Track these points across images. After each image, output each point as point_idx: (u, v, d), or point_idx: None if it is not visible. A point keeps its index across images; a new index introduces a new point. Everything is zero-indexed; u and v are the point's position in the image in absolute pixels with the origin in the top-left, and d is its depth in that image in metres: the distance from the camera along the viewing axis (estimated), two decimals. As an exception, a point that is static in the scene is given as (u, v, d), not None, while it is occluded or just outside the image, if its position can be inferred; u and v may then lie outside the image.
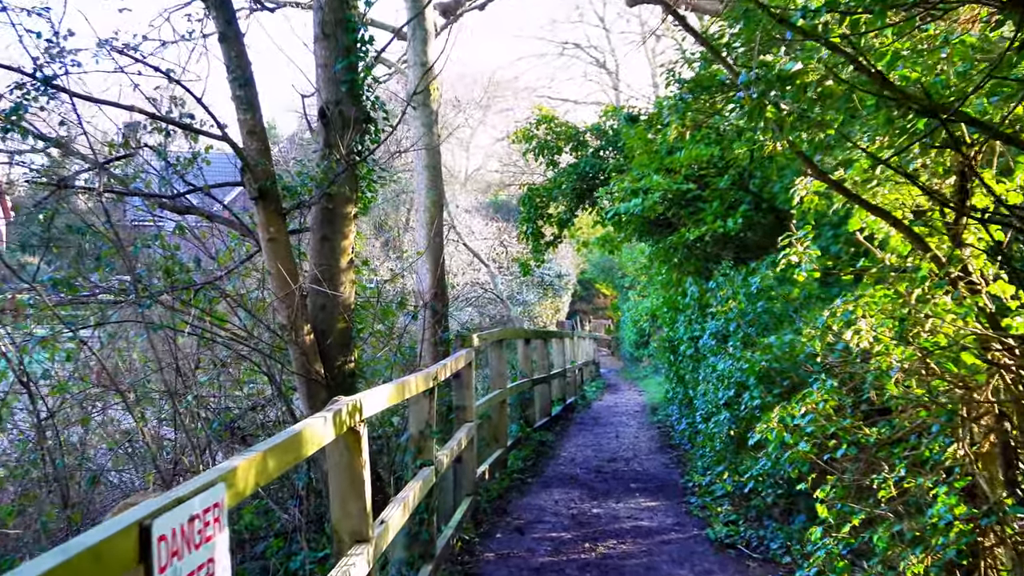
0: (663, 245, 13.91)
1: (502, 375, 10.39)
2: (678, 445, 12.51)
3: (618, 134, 13.78)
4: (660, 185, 11.42)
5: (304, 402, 8.26)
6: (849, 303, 4.92)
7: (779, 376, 7.13)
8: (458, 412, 8.27)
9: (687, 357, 12.33)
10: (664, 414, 15.95)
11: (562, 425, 14.89)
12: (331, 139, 8.01)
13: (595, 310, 53.65)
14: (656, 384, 23.73)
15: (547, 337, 14.71)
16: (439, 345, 12.02)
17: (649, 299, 30.47)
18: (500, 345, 10.44)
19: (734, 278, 10.65)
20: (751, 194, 11.64)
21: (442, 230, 12.72)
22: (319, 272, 8.18)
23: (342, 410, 4.00)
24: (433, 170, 12.49)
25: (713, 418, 8.94)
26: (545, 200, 14.36)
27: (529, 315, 40.55)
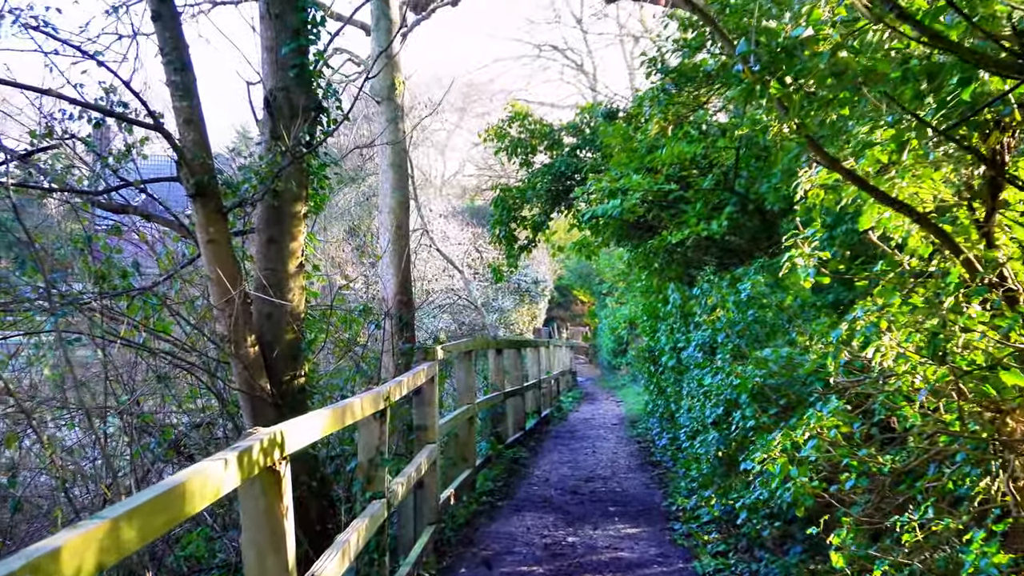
0: (643, 250, 13.18)
1: (471, 389, 9.61)
2: (659, 462, 11.76)
3: (595, 132, 13.06)
4: (640, 185, 10.69)
5: (249, 422, 7.46)
6: (872, 314, 4.16)
7: (775, 394, 6.39)
8: (419, 433, 7.49)
9: (669, 369, 11.60)
10: (643, 427, 15.21)
11: (537, 440, 14.12)
12: (277, 130, 7.23)
13: (573, 317, 52.99)
14: (634, 394, 23.01)
15: (521, 347, 13.94)
16: (403, 356, 11.25)
17: (627, 306, 29.78)
18: (469, 356, 9.66)
19: (721, 284, 9.95)
20: (737, 195, 10.94)
21: (408, 233, 11.94)
22: (265, 277, 7.40)
23: (253, 447, 3.22)
24: (399, 169, 11.72)
25: (699, 437, 8.21)
26: (518, 202, 13.60)
27: (505, 322, 39.83)
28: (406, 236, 11.79)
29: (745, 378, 6.48)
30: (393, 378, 8.53)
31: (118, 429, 8.66)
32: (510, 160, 13.80)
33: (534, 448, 13.22)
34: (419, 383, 7.20)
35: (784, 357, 6.21)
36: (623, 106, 13.42)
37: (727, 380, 7.01)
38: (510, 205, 13.66)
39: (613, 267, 29.28)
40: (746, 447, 7.05)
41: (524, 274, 41.18)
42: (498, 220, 13.81)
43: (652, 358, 13.71)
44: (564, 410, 19.11)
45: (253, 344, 7.21)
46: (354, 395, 8.60)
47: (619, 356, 31.41)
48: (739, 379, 6.70)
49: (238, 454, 3.08)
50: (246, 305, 7.17)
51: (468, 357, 9.60)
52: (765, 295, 7.60)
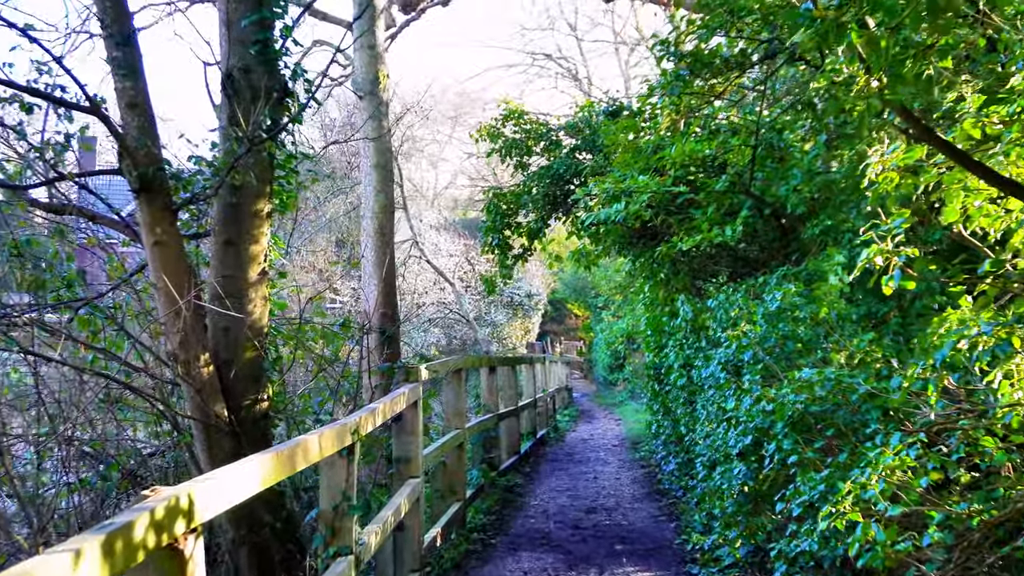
0: (647, 259, 12.19)
1: (460, 413, 8.60)
2: (667, 491, 10.74)
3: (596, 132, 12.08)
4: (647, 187, 9.71)
5: (202, 454, 6.47)
6: (1002, 329, 3.15)
7: (819, 423, 5.39)
8: (400, 466, 6.47)
9: (678, 388, 10.59)
10: (647, 450, 14.18)
11: (533, 464, 13.08)
12: (236, 115, 6.24)
13: (567, 331, 52.04)
14: (633, 411, 21.99)
15: (515, 364, 12.92)
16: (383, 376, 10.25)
17: (624, 320, 28.78)
18: (459, 376, 8.64)
19: (735, 296, 8.98)
20: (752, 197, 9.95)
21: (393, 240, 10.95)
22: (221, 286, 6.41)
23: (135, 523, 2.20)
24: (383, 170, 10.73)
25: (720, 468, 7.19)
26: (513, 207, 12.60)
27: (497, 336, 38.86)
28: (391, 243, 10.80)
29: (782, 404, 5.48)
30: (370, 401, 7.54)
31: (59, 460, 7.66)
32: (503, 162, 12.81)
33: (530, 474, 12.18)
34: (400, 408, 6.19)
35: (832, 379, 5.21)
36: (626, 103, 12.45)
37: (758, 406, 6.01)
38: (503, 211, 12.65)
39: (610, 279, 28.31)
40: (780, 484, 6.07)
41: (517, 287, 40.24)
42: (490, 227, 12.80)
43: (657, 376, 12.71)
44: (561, 430, 18.08)
45: (207, 363, 6.23)
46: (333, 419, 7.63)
47: (616, 371, 30.39)
48: (774, 405, 5.71)
49: (107, 535, 2.07)
50: (198, 318, 6.18)
51: (458, 376, 8.58)
52: (799, 306, 6.60)
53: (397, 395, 6.12)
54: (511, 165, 12.82)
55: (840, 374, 5.24)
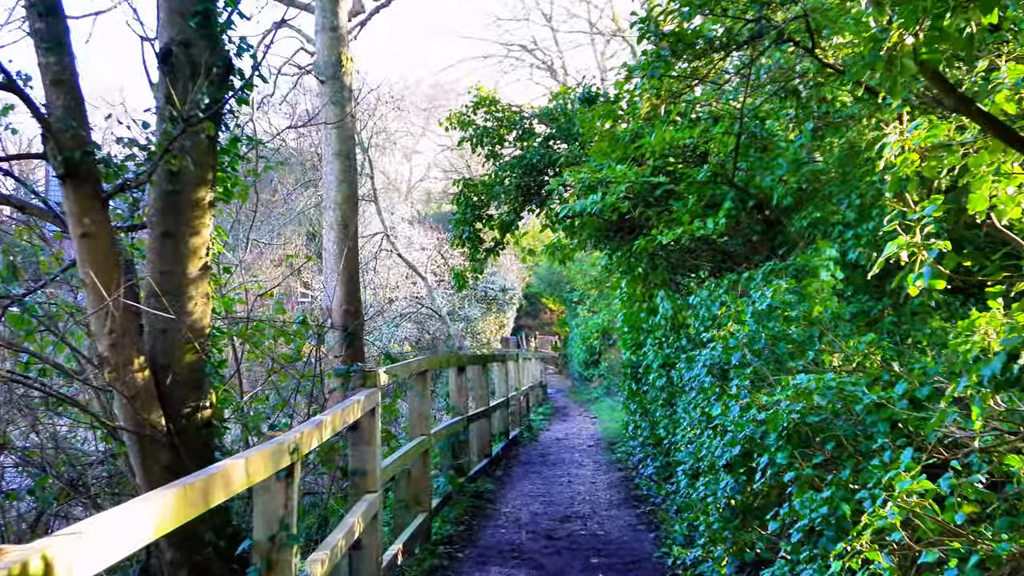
0: (625, 253, 11.67)
1: (425, 417, 8.02)
2: (646, 496, 10.22)
3: (571, 120, 11.53)
4: (624, 177, 9.18)
5: (137, 468, 5.88)
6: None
7: (817, 434, 4.87)
8: (355, 479, 5.90)
9: (656, 388, 10.08)
10: (624, 451, 13.66)
11: (505, 467, 12.53)
12: (174, 93, 5.64)
13: (542, 325, 51.55)
14: (609, 409, 21.50)
15: (486, 362, 12.36)
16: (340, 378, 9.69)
17: (600, 315, 28.28)
18: (424, 378, 8.06)
19: (718, 292, 8.49)
20: (736, 188, 9.44)
21: (357, 233, 10.36)
22: (159, 282, 5.82)
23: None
24: (346, 159, 10.14)
25: (704, 478, 6.66)
26: (484, 199, 12.02)
27: (471, 332, 38.31)
28: (354, 236, 10.22)
29: (776, 414, 4.96)
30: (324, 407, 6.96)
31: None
32: (474, 151, 12.23)
33: (502, 479, 11.63)
34: (354, 417, 5.62)
35: (833, 387, 4.68)
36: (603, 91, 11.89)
37: (748, 414, 5.48)
38: (474, 202, 12.08)
39: (585, 274, 27.80)
40: (772, 499, 5.56)
41: (491, 282, 39.68)
42: (461, 219, 12.22)
43: (634, 375, 12.21)
44: (535, 429, 17.54)
45: (142, 368, 5.64)
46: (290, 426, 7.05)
47: (591, 367, 29.90)
48: (765, 413, 5.19)
49: None
50: (131, 317, 5.58)
51: (423, 379, 8.01)
52: (790, 304, 6.08)
53: (352, 402, 5.55)
54: (482, 155, 12.25)
55: (842, 381, 4.72)
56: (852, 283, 8.23)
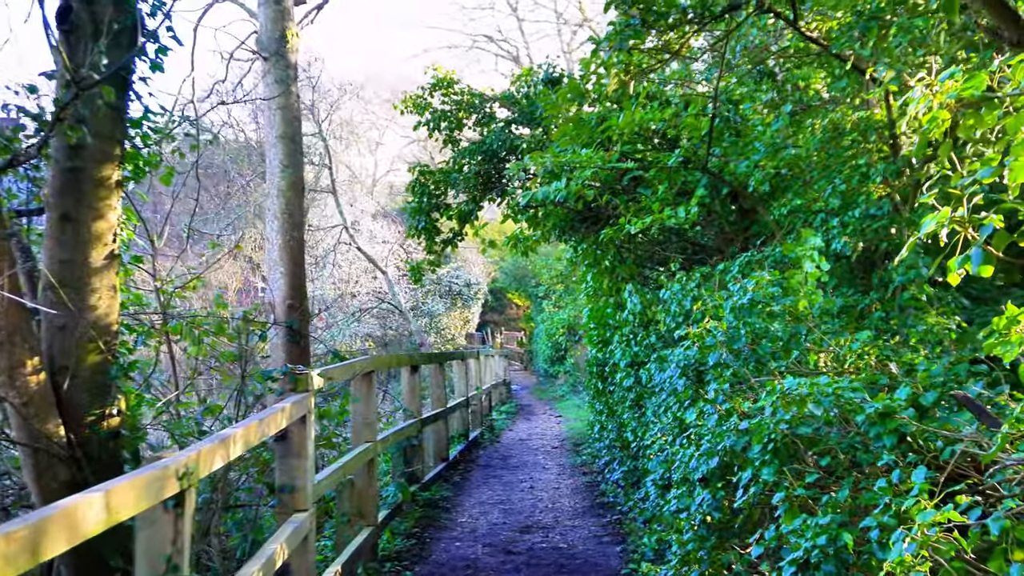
0: (591, 244, 11.02)
1: (370, 423, 7.31)
2: (612, 504, 9.56)
3: (534, 103, 10.85)
4: (589, 161, 8.51)
5: (32, 486, 5.14)
6: None
7: (809, 447, 4.22)
8: (283, 496, 5.19)
9: (623, 388, 9.43)
10: (589, 453, 13.01)
11: (464, 471, 11.83)
12: (75, 56, 4.90)
13: (508, 321, 50.96)
14: (575, 407, 20.87)
15: (444, 361, 11.65)
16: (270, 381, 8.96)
17: (566, 310, 27.65)
18: (369, 380, 7.33)
19: (709, 286, 7.86)
20: (709, 174, 8.81)
21: (303, 223, 9.62)
22: (56, 272, 5.07)
23: None
24: (291, 142, 9.40)
25: (676, 490, 6.00)
26: (442, 187, 11.30)
27: (435, 327, 37.61)
28: (300, 226, 9.48)
29: (761, 425, 4.31)
30: (246, 414, 6.24)
31: None
32: (431, 136, 11.51)
33: (460, 484, 10.93)
34: (279, 426, 4.90)
35: (829, 394, 4.03)
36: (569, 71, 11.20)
37: (728, 422, 4.83)
38: (431, 191, 11.35)
39: (550, 268, 27.18)
40: (755, 519, 4.92)
41: (456, 276, 39.01)
42: (416, 209, 11.48)
43: (600, 373, 11.56)
44: (497, 429, 16.84)
45: (36, 370, 4.90)
46: (216, 430, 6.32)
47: (557, 364, 29.26)
48: (749, 422, 4.54)
49: None
50: (21, 312, 4.84)
51: (368, 381, 7.28)
52: (774, 298, 5.43)
53: (276, 410, 4.83)
54: (439, 139, 11.52)
55: (839, 386, 4.06)
56: (835, 275, 7.63)
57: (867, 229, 7.04)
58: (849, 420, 4.03)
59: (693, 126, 8.97)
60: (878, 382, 4.61)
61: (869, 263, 7.73)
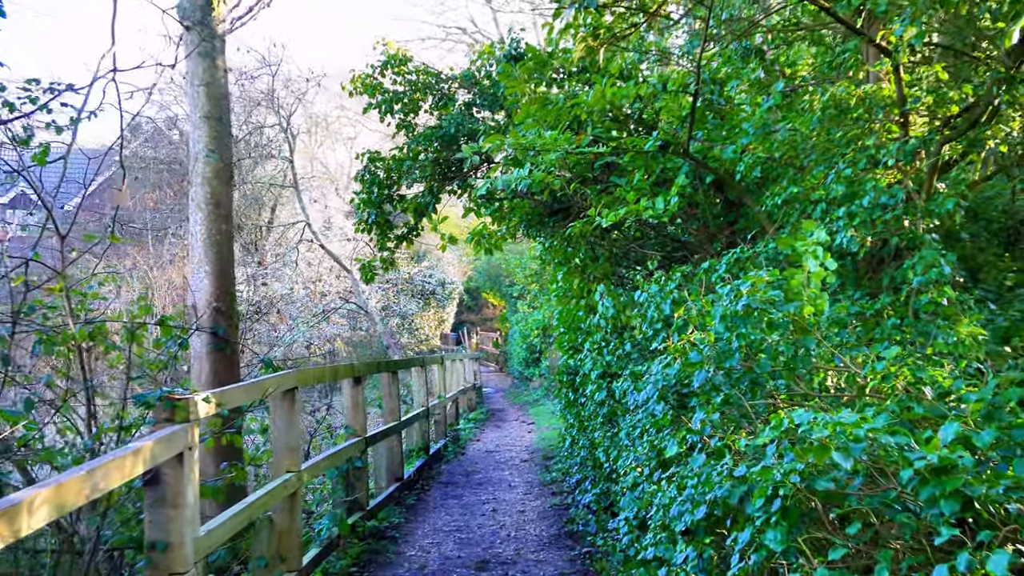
0: (559, 240, 9.94)
1: (293, 448, 6.17)
2: (583, 534, 8.47)
3: (497, 84, 9.75)
4: (555, 144, 7.41)
5: None
6: None
7: (829, 503, 3.15)
8: (154, 556, 4.07)
9: (595, 402, 8.36)
10: (560, 469, 11.92)
11: (421, 491, 10.70)
12: None
13: (484, 321, 49.95)
14: (549, 413, 19.78)
15: (397, 368, 10.50)
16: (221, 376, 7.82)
17: (541, 311, 26.53)
18: (291, 398, 6.18)
19: (695, 287, 6.80)
20: (692, 160, 7.73)
21: (231, 214, 8.48)
22: None
23: None
24: (217, 123, 8.28)
25: (653, 535, 4.92)
26: (395, 175, 10.16)
27: (409, 327, 36.51)
28: (228, 219, 8.35)
29: (766, 471, 3.23)
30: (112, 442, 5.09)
31: None
32: (383, 120, 10.37)
33: (414, 508, 9.80)
34: (151, 465, 3.79)
35: (860, 437, 2.96)
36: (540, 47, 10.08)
37: (719, 465, 3.76)
38: (382, 180, 10.21)
39: (524, 267, 26.08)
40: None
41: (429, 275, 37.94)
42: (366, 200, 10.34)
43: (571, 383, 10.49)
44: (463, 440, 15.70)
45: None
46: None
47: (532, 366, 28.19)
48: (747, 469, 3.47)
49: None
50: None
51: (289, 400, 6.14)
52: (775, 304, 4.34)
53: (139, 447, 3.72)
54: (392, 124, 10.38)
55: (872, 427, 2.98)
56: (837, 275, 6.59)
57: (877, 220, 5.98)
58: (887, 473, 2.97)
59: (672, 107, 7.93)
60: (909, 410, 3.55)
61: (877, 261, 6.69)
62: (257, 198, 33.78)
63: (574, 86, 8.93)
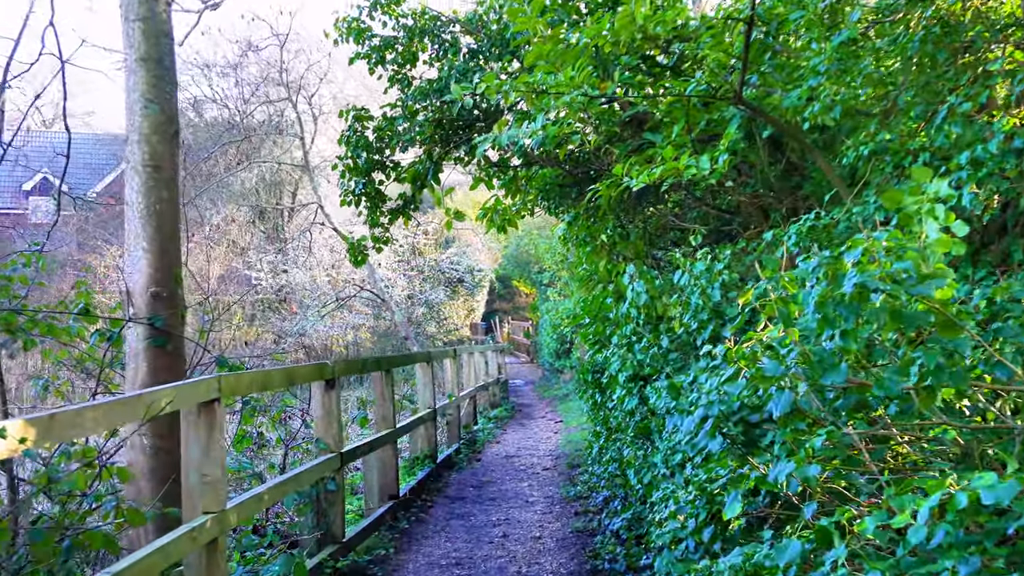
0: (583, 213, 8.32)
1: (212, 483, 4.57)
2: (610, 573, 6.86)
3: (507, 28, 8.11)
4: (573, 84, 5.81)
5: None
6: None
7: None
8: None
9: (624, 411, 6.76)
10: (587, 481, 10.29)
11: (419, 510, 9.10)
12: None
13: (516, 309, 48.31)
14: (579, 410, 18.07)
15: (391, 367, 8.90)
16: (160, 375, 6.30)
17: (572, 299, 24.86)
18: (211, 414, 4.60)
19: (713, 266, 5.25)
20: (747, 107, 6.06)
21: (176, 180, 6.94)
22: None
23: None
24: (157, 66, 6.75)
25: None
26: (387, 137, 8.56)
27: (436, 317, 35.01)
28: (172, 184, 6.82)
29: None
30: None
31: None
32: (372, 72, 8.78)
33: (409, 531, 8.23)
34: None
35: None
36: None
37: (826, 557, 2.15)
38: (371, 143, 8.61)
39: (554, 251, 24.40)
40: None
41: (457, 262, 36.44)
42: (352, 167, 8.74)
43: (598, 382, 8.89)
44: (479, 442, 14.07)
45: None
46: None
47: (562, 358, 26.54)
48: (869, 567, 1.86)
49: None
50: None
51: (207, 416, 4.57)
52: (905, 281, 2.71)
53: None
54: (384, 77, 8.77)
55: None
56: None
57: (1010, 172, 4.32)
58: None
59: (718, 47, 6.29)
60: None
61: (998, 227, 5.02)
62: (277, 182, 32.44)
63: (599, 23, 7.31)
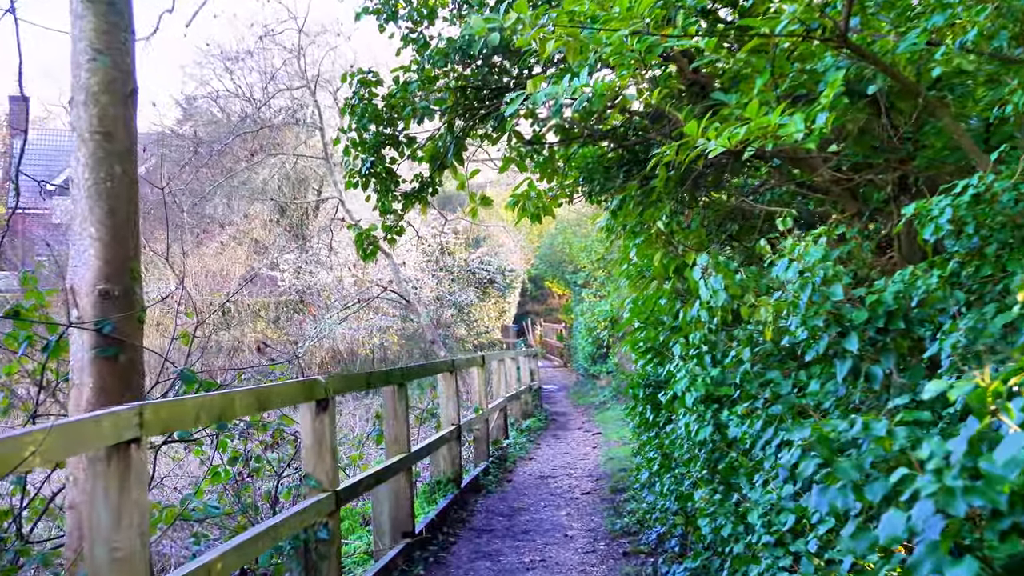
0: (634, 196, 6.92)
1: (126, 558, 3.23)
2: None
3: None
4: (631, 15, 4.45)
5: None
6: None
7: None
8: None
9: (693, 440, 5.36)
10: (635, 509, 8.85)
11: (439, 549, 7.70)
12: None
13: (549, 311, 46.87)
14: (618, 420, 16.67)
15: (405, 380, 7.49)
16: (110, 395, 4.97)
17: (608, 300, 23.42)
18: (124, 461, 3.22)
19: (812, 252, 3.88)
20: (852, 50, 4.63)
21: (133, 152, 5.60)
22: None
23: None
24: (108, 9, 5.44)
25: None
26: (398, 108, 7.17)
27: (466, 319, 33.66)
28: (128, 157, 5.50)
29: None
30: None
31: None
32: (382, 30, 7.40)
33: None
34: None
35: None
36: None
37: None
38: (381, 114, 7.21)
39: (590, 251, 22.98)
40: None
41: (488, 262, 35.08)
42: (357, 142, 7.36)
43: (651, 399, 7.50)
44: (511, 459, 12.65)
45: None
46: None
47: (599, 363, 25.12)
48: None
49: None
50: None
51: (119, 464, 3.22)
52: None
53: None
54: (397, 36, 7.40)
55: None
56: None
57: None
58: None
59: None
60: None
61: None
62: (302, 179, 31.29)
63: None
